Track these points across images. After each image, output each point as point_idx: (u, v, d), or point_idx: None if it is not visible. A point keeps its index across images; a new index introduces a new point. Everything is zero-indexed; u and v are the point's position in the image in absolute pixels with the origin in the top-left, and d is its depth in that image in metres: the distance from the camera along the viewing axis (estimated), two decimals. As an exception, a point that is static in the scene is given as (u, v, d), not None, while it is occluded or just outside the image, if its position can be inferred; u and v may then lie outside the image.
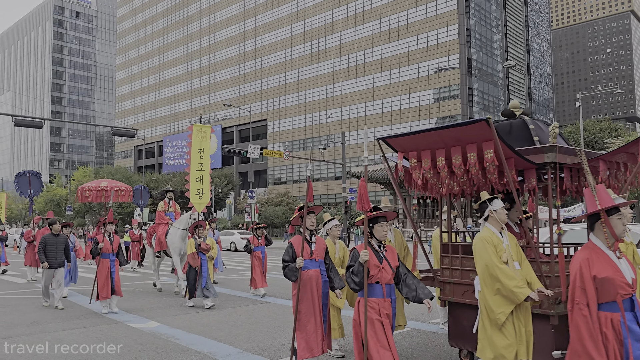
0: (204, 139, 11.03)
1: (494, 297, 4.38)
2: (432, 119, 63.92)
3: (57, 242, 9.55)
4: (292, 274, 5.33)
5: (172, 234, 11.92)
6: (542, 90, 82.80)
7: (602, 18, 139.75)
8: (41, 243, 9.43)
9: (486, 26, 67.66)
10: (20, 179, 15.39)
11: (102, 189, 15.06)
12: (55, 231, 9.62)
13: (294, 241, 5.46)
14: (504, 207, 4.69)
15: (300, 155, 70.13)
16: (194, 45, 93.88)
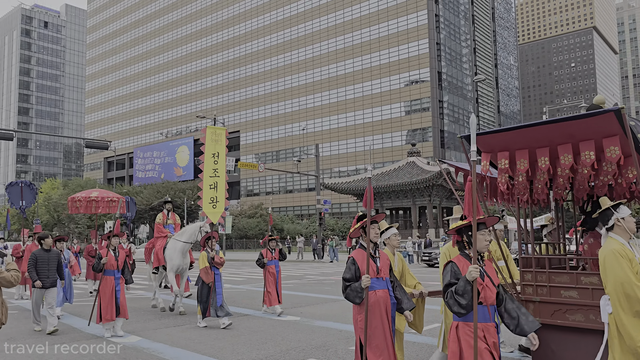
0: (219, 143, 9.93)
1: (634, 321, 3.72)
2: (403, 131, 64.87)
3: (49, 259, 8.51)
4: (356, 296, 4.41)
5: (170, 247, 10.92)
6: (510, 103, 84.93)
7: (566, 34, 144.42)
8: (31, 260, 8.40)
9: (456, 40, 69.25)
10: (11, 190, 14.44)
11: (92, 199, 14.28)
12: (47, 246, 8.56)
13: (357, 256, 4.57)
14: (631, 215, 4.08)
15: (273, 167, 70.17)
16: (166, 57, 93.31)
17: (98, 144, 23.35)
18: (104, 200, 14.29)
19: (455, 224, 3.88)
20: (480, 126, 73.63)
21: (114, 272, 8.25)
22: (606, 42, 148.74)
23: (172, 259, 10.73)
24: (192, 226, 10.90)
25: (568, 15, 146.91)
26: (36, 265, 8.38)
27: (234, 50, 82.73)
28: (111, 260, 8.22)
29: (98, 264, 8.17)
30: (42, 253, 8.50)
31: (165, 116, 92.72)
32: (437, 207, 44.68)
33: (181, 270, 10.93)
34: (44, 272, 8.42)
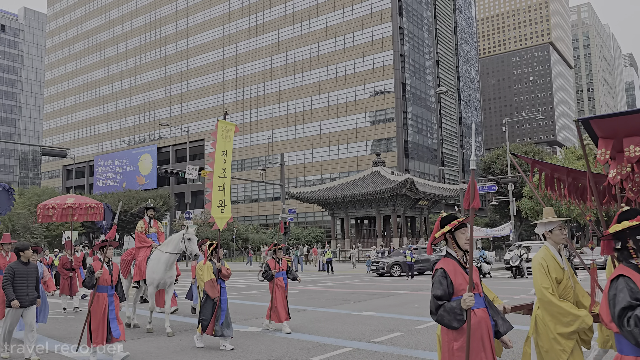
0: (228, 140, 8.84)
1: None
2: (368, 140, 65.49)
3: (28, 273, 7.33)
4: (454, 318, 3.37)
5: (154, 259, 9.72)
6: (471, 114, 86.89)
7: (525, 48, 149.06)
8: (7, 275, 7.22)
9: (419, 53, 70.55)
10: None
11: (68, 206, 12.54)
12: (25, 259, 7.40)
13: (447, 266, 3.56)
14: None
15: (238, 176, 69.65)
16: (128, 63, 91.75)
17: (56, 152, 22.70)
18: (82, 207, 12.66)
19: (619, 225, 2.98)
20: (443, 137, 75.05)
21: (107, 288, 7.15)
22: (562, 57, 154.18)
23: (154, 271, 9.63)
24: (176, 235, 9.73)
25: (526, 31, 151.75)
26: (13, 281, 7.21)
27: (199, 58, 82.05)
28: (105, 274, 7.13)
29: (91, 279, 7.05)
30: (20, 266, 7.33)
31: (128, 124, 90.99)
32: (401, 217, 45.20)
33: (163, 284, 9.76)
34: (23, 289, 7.26)
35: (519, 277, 22.18)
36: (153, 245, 10.13)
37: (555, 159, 56.05)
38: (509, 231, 33.28)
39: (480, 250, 24.30)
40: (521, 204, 49.24)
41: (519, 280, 21.35)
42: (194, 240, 9.33)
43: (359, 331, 8.99)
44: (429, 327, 9.26)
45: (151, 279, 9.63)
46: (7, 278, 7.20)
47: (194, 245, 9.30)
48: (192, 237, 9.31)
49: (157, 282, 9.60)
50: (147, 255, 10.01)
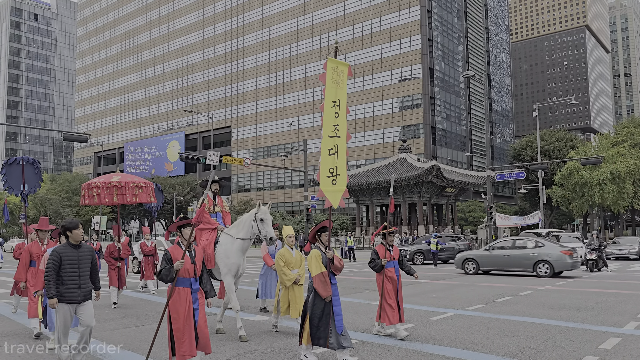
0: (341, 85, 6.70)
1: None
2: (395, 127, 64.62)
3: (80, 259, 5.69)
4: None
5: (224, 243, 7.94)
6: (502, 100, 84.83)
7: (559, 32, 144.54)
8: (52, 262, 5.53)
9: (448, 37, 68.99)
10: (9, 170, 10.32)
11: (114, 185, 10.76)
12: (75, 240, 5.70)
13: None
14: None
15: (264, 162, 69.75)
16: (156, 51, 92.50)
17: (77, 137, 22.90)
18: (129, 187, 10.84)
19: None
20: (472, 123, 73.53)
21: (191, 281, 5.47)
22: (598, 40, 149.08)
23: (229, 255, 7.81)
24: (246, 217, 7.92)
25: (561, 14, 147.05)
26: (59, 270, 5.54)
27: (226, 45, 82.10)
28: (187, 263, 5.47)
29: (169, 270, 5.33)
30: (69, 250, 5.65)
31: (157, 111, 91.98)
32: (427, 204, 44.50)
33: (240, 274, 8.03)
34: (73, 280, 5.57)
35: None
36: (219, 228, 8.22)
37: (589, 146, 54.30)
38: (538, 219, 32.33)
39: (507, 239, 23.54)
40: (552, 191, 47.97)
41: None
42: (269, 221, 7.69)
43: (369, 322, 8.65)
44: (443, 319, 8.86)
45: (227, 265, 7.79)
46: (51, 266, 5.53)
47: (268, 226, 7.65)
48: (265, 217, 7.64)
49: (237, 267, 7.85)
50: (213, 238, 8.09)
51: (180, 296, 5.38)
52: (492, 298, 11.87)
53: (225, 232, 8.11)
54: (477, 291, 13.26)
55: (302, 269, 7.84)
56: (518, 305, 10.67)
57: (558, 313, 9.62)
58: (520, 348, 6.80)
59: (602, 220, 58.40)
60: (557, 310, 9.93)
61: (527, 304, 10.93)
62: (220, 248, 7.94)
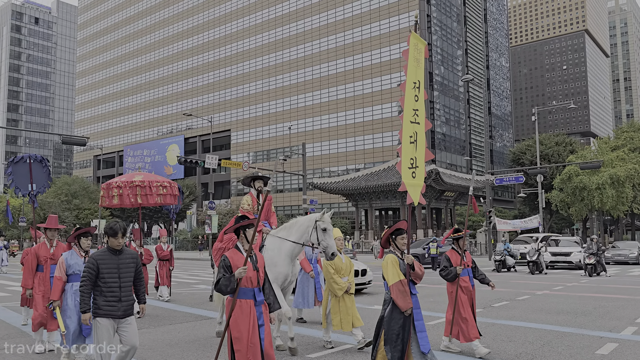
0: (420, 65, 5.78)
1: None
2: (394, 131, 64.64)
3: (120, 267, 4.82)
4: None
5: (271, 247, 6.91)
6: (501, 104, 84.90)
7: (558, 36, 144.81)
8: (87, 271, 4.72)
9: (447, 41, 69.09)
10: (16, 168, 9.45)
11: (136, 184, 9.81)
12: (117, 245, 4.83)
13: None
14: None
15: (263, 166, 69.71)
16: (156, 54, 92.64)
17: (75, 140, 22.90)
18: (153, 186, 9.82)
19: None
20: (471, 127, 73.58)
21: (254, 291, 4.60)
22: (598, 45, 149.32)
23: (276, 263, 6.80)
24: (304, 219, 6.92)
25: (560, 18, 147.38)
26: (96, 280, 4.72)
27: (225, 49, 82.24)
28: (249, 270, 4.62)
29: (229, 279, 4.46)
30: (108, 257, 4.81)
31: (156, 114, 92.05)
32: (427, 208, 44.47)
33: (289, 283, 7.06)
34: (113, 292, 4.72)
35: (537, 272, 21.25)
36: (264, 231, 7.23)
37: (589, 150, 54.32)
38: (537, 223, 32.32)
39: (505, 243, 23.53)
40: (551, 195, 47.92)
41: (537, 275, 20.53)
42: (331, 233, 6.60)
43: (363, 327, 8.59)
44: (440, 324, 8.82)
45: (274, 273, 6.77)
46: (87, 275, 4.68)
47: (330, 238, 6.54)
48: (329, 227, 6.57)
49: (284, 277, 6.88)
50: (258, 243, 7.11)
51: (242, 310, 4.48)
52: (489, 303, 11.83)
53: (272, 234, 7.09)
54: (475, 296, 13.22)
55: (352, 276, 7.20)
56: (515, 310, 10.63)
57: (555, 318, 9.58)
58: (516, 353, 6.77)
59: (602, 225, 58.35)
60: (555, 315, 9.89)
61: (524, 308, 10.90)
62: (265, 254, 6.81)
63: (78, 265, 6.11)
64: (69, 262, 6.13)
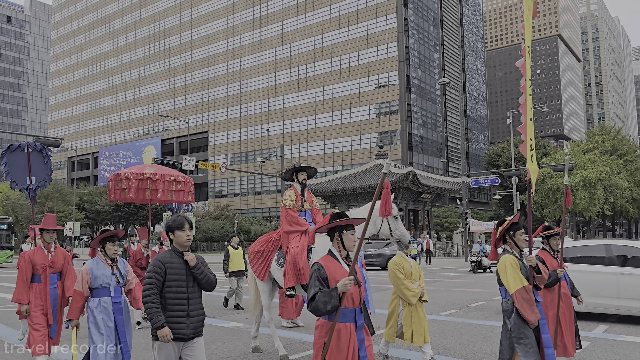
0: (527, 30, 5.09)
1: None
2: (372, 133, 65.01)
3: (189, 273, 3.92)
4: None
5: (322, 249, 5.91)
6: (477, 107, 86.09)
7: (532, 41, 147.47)
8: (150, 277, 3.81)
9: (424, 45, 69.80)
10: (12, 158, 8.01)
11: (147, 177, 8.45)
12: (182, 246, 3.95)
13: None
14: None
15: (241, 168, 69.43)
16: (132, 55, 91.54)
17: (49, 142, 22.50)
18: (166, 181, 8.60)
19: None
20: (448, 130, 74.44)
21: (355, 313, 3.63)
22: (570, 50, 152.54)
23: None
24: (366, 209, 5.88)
25: (534, 23, 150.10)
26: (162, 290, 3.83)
27: (203, 50, 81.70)
28: (353, 286, 3.65)
29: (330, 294, 3.45)
30: (176, 260, 3.89)
31: (133, 115, 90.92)
32: (404, 210, 44.80)
33: None
34: (181, 305, 3.82)
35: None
36: (310, 230, 6.31)
37: (562, 152, 55.43)
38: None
39: (481, 245, 23.89)
40: (525, 197, 48.72)
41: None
42: (400, 220, 5.80)
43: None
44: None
45: None
46: (153, 282, 3.78)
47: (402, 226, 5.74)
48: (398, 214, 5.77)
49: None
50: (305, 245, 6.25)
51: (341, 338, 3.50)
52: (466, 303, 12.00)
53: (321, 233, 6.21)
54: (451, 296, 13.38)
55: (423, 281, 6.34)
56: (491, 310, 10.81)
57: (529, 317, 9.76)
58: (491, 352, 6.89)
59: (575, 226, 59.58)
60: (529, 315, 10.08)
61: (499, 308, 11.07)
62: (317, 256, 6.00)
63: (106, 277, 4.96)
64: (94, 272, 4.93)
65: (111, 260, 5.04)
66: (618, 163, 52.60)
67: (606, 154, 51.89)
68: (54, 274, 6.05)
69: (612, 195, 49.37)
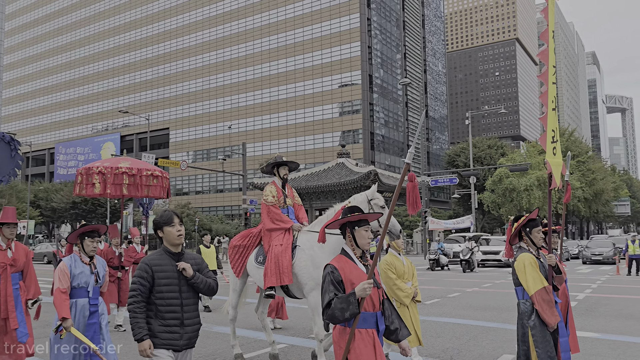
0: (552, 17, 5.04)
1: None
2: (335, 132, 65.39)
3: (181, 276, 3.49)
4: None
5: (308, 247, 5.80)
6: (438, 108, 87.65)
7: (491, 44, 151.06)
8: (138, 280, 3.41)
9: (387, 45, 70.61)
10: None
11: (123, 171, 7.82)
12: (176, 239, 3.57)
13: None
14: None
15: (203, 165, 68.69)
16: (91, 49, 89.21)
17: (2, 137, 21.69)
18: (142, 175, 8.00)
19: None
20: (409, 130, 75.56)
21: (376, 316, 3.31)
22: (527, 53, 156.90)
23: (318, 264, 5.54)
24: (357, 197, 5.53)
25: (493, 27, 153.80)
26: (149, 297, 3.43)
27: (165, 45, 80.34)
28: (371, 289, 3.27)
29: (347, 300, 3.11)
30: (166, 262, 3.50)
31: (91, 111, 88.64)
32: (365, 208, 45.31)
33: None
34: (174, 312, 3.42)
35: (468, 271, 22.27)
36: (294, 227, 6.10)
37: (518, 153, 57.08)
38: (470, 223, 33.68)
39: (439, 243, 24.43)
40: (483, 196, 50.03)
41: (469, 273, 21.51)
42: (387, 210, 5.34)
43: (300, 326, 8.79)
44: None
45: (314, 277, 5.61)
46: (139, 288, 3.37)
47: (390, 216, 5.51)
48: (384, 203, 5.41)
49: None
50: (289, 243, 5.96)
51: (363, 346, 3.16)
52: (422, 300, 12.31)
53: (309, 229, 5.92)
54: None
55: (416, 280, 6.13)
56: (446, 307, 11.13)
57: (482, 314, 10.12)
58: (443, 348, 7.12)
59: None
60: (482, 311, 10.45)
61: (454, 305, 11.41)
62: (302, 254, 5.77)
63: (85, 275, 4.58)
64: (73, 270, 4.55)
65: (89, 258, 4.70)
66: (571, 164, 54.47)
67: (560, 155, 53.72)
68: (16, 274, 5.43)
69: (565, 194, 51.21)
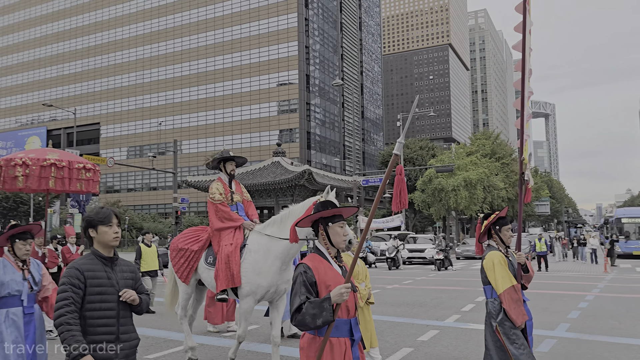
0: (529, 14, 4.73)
1: None
2: (272, 131, 65.42)
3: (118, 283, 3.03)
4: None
5: (254, 250, 5.64)
6: (373, 109, 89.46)
7: (426, 48, 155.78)
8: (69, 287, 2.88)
9: (324, 46, 71.35)
10: None
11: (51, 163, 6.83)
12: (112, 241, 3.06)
13: None
14: None
15: (136, 162, 66.82)
16: (15, 37, 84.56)
17: None
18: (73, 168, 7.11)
19: None
20: (346, 130, 76.75)
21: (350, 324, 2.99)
22: (459, 58, 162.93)
23: (260, 271, 5.49)
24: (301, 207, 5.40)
25: (428, 32, 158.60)
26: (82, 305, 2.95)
27: (96, 37, 77.41)
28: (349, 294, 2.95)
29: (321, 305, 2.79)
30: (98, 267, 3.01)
31: (14, 103, 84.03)
32: (300, 207, 45.73)
33: (276, 295, 5.77)
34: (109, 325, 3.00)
35: (394, 268, 23.08)
36: (245, 225, 5.86)
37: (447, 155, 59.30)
38: (400, 222, 34.74)
39: (367, 241, 25.13)
40: (414, 196, 51.62)
41: (394, 271, 22.32)
42: None
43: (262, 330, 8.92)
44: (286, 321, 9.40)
45: (254, 285, 5.50)
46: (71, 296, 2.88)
47: None
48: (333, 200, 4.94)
49: (265, 290, 5.57)
50: (239, 242, 5.67)
51: (333, 354, 2.84)
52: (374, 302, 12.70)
53: (258, 230, 5.67)
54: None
55: (369, 282, 5.87)
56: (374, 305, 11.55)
57: (395, 310, 10.62)
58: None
59: (459, 223, 64.02)
60: (396, 307, 10.96)
61: (383, 302, 11.87)
62: (248, 256, 5.55)
63: (16, 282, 4.13)
64: (1, 278, 4.11)
65: (22, 262, 4.26)
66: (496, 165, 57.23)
67: (486, 156, 56.30)
68: None
69: (490, 195, 53.68)
